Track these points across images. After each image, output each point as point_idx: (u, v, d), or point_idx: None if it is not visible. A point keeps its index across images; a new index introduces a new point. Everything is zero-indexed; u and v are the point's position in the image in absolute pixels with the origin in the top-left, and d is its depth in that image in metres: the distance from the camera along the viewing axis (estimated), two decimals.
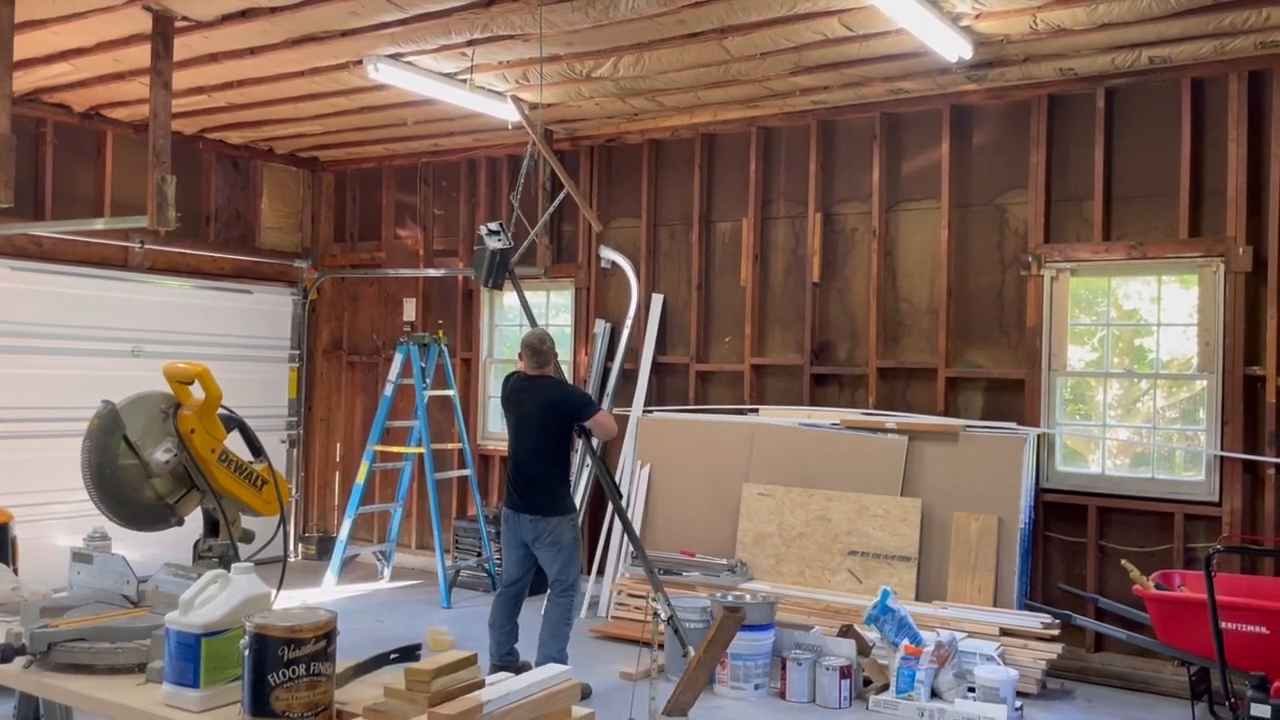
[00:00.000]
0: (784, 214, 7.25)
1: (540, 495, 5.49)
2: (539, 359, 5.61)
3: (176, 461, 2.76)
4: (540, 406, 5.56)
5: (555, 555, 5.48)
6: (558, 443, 5.59)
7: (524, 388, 5.64)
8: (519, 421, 5.60)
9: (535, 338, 5.66)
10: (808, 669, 5.38)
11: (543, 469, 5.52)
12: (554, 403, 5.55)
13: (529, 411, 5.57)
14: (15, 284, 7.13)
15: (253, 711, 2.05)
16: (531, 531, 5.48)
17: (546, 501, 5.49)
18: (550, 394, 5.59)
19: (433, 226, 8.78)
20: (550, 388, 5.61)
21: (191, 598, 2.26)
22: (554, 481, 5.55)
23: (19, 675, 2.36)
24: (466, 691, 2.04)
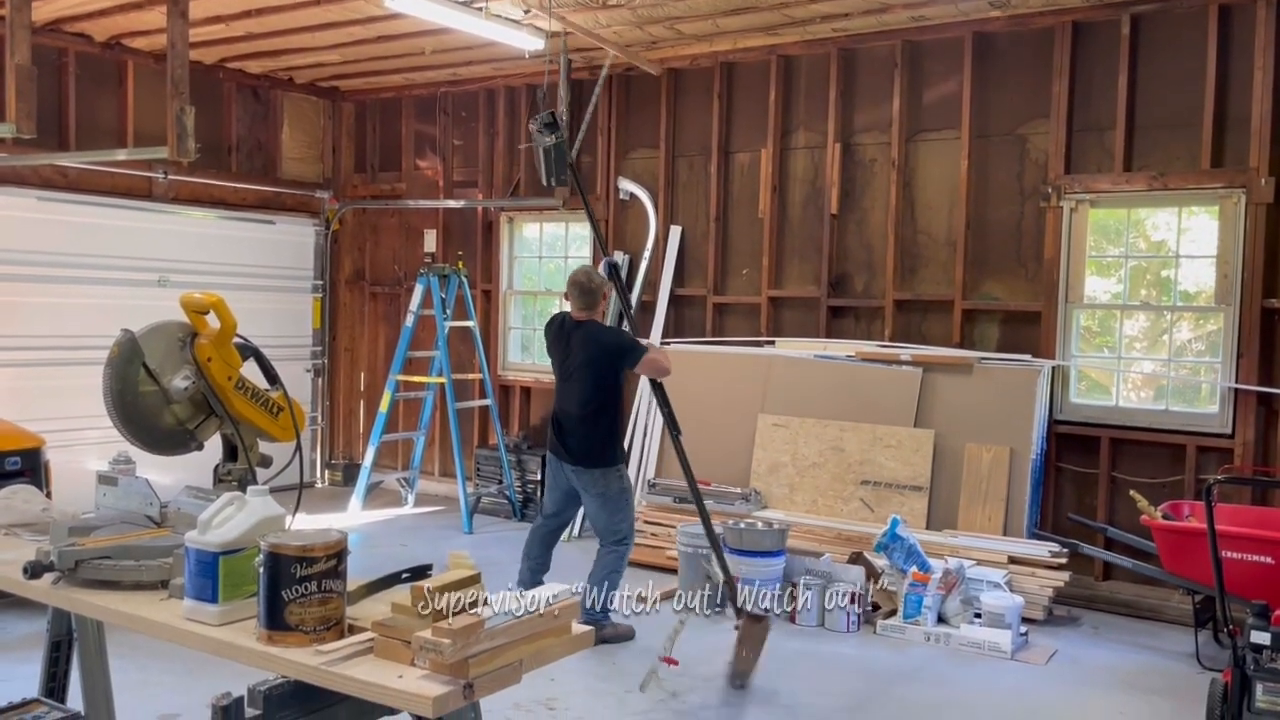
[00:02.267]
0: (803, 145, 7.19)
1: (581, 446, 5.20)
2: (587, 299, 5.25)
3: (195, 388, 2.84)
4: (584, 357, 5.19)
5: (602, 506, 5.23)
6: (603, 392, 5.21)
7: (568, 334, 5.28)
8: (561, 368, 5.30)
9: (583, 274, 5.32)
10: (817, 594, 5.50)
11: (585, 420, 5.20)
12: (598, 354, 5.17)
13: (572, 360, 5.23)
14: (44, 214, 7.24)
15: (268, 625, 2.16)
16: (575, 480, 5.25)
17: (587, 452, 5.20)
18: (594, 344, 5.20)
19: (452, 157, 8.78)
20: (594, 335, 5.22)
21: (210, 518, 2.36)
22: (598, 432, 5.20)
23: (49, 591, 2.48)
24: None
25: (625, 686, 4.58)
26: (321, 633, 2.15)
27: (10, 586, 2.56)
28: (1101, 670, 5.01)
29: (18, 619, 5.08)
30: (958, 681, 4.82)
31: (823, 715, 4.34)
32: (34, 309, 7.18)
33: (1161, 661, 5.15)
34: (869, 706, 4.47)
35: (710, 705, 4.43)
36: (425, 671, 2.01)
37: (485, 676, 2.03)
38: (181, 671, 4.35)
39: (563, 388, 5.31)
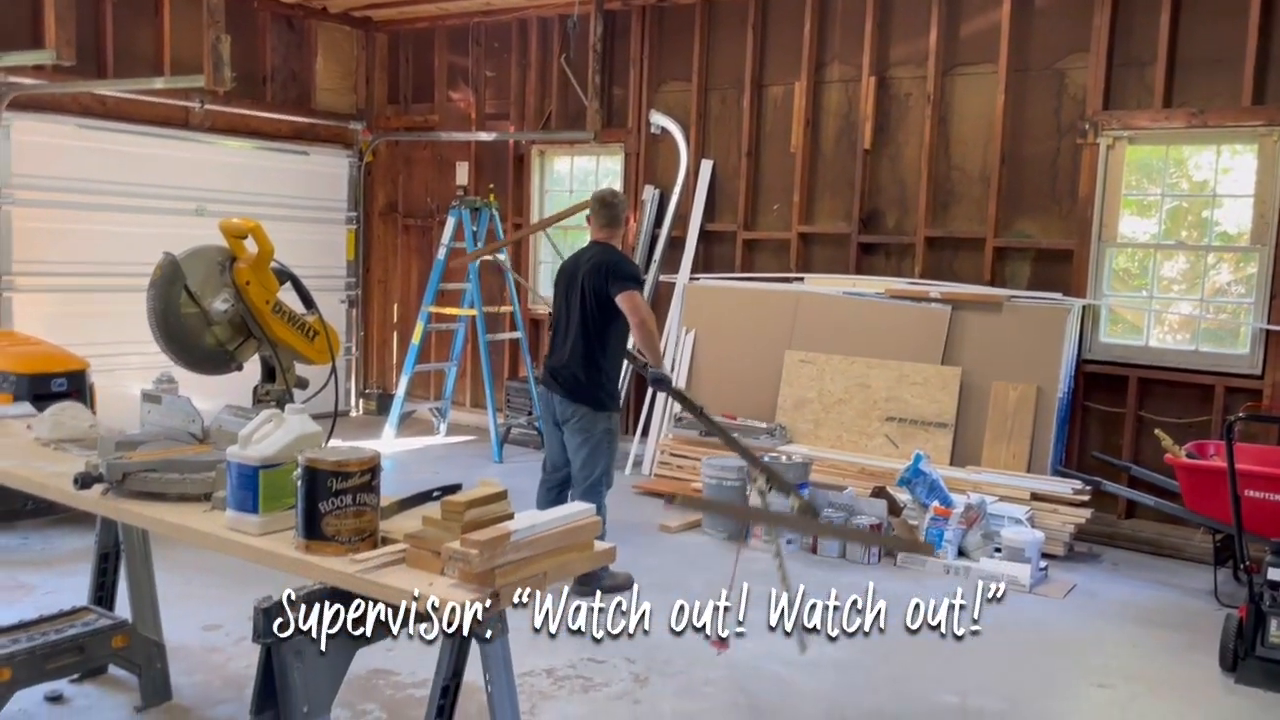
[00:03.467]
0: (837, 78, 7.12)
1: (572, 376, 4.85)
2: (608, 213, 4.95)
3: (234, 311, 2.95)
4: (583, 272, 4.87)
5: (581, 444, 4.86)
6: (595, 317, 4.82)
7: (578, 254, 5.04)
8: (565, 299, 4.95)
9: (607, 190, 5.15)
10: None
11: (577, 345, 4.85)
12: (593, 268, 4.84)
13: (571, 277, 4.93)
14: (84, 142, 7.35)
15: (305, 535, 2.27)
16: (560, 413, 4.91)
17: (576, 384, 4.84)
18: (594, 258, 4.89)
19: (484, 89, 8.77)
20: (600, 253, 4.90)
21: (250, 433, 2.46)
22: (588, 362, 4.84)
23: (98, 501, 2.61)
24: (497, 522, 2.23)
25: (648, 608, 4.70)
26: (356, 543, 2.26)
27: (61, 497, 2.69)
28: (1118, 605, 5.08)
29: (66, 535, 5.29)
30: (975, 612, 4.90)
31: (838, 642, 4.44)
32: (77, 236, 7.32)
33: (1179, 598, 5.21)
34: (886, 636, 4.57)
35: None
36: (454, 580, 2.11)
37: (510, 586, 2.13)
38: (223, 585, 4.53)
39: (557, 311, 5.02)
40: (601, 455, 4.91)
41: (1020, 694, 4.03)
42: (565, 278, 5.00)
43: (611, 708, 3.71)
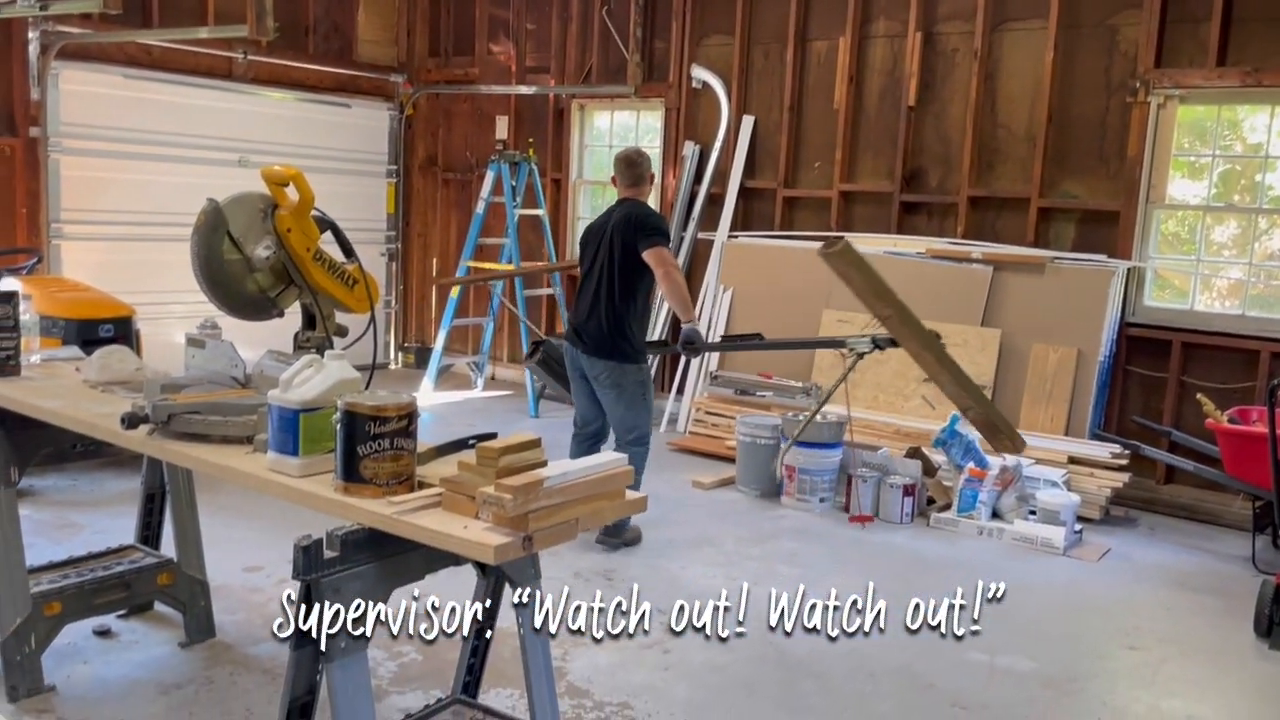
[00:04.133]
0: (882, 33, 7.00)
1: (595, 329, 4.81)
2: (633, 171, 4.96)
3: (275, 258, 2.98)
4: (612, 227, 4.83)
5: (617, 399, 4.85)
6: (623, 272, 4.77)
7: (608, 212, 5.03)
8: (587, 247, 4.97)
9: (632, 149, 5.16)
10: (873, 486, 5.59)
11: (601, 300, 4.80)
12: (622, 222, 4.80)
13: (599, 234, 4.89)
14: (130, 92, 7.43)
15: (344, 477, 2.31)
16: (589, 371, 4.90)
17: (601, 338, 4.80)
18: (623, 213, 4.86)
19: (525, 42, 8.72)
20: (628, 209, 4.87)
21: (290, 377, 2.50)
22: (613, 316, 4.78)
23: (144, 440, 2.67)
24: (530, 469, 2.26)
25: (680, 563, 4.75)
26: (393, 486, 2.30)
27: (109, 436, 2.76)
28: (1153, 569, 5.05)
29: (114, 477, 5.43)
30: (1006, 573, 4.90)
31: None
32: (123, 185, 7.42)
33: (1215, 563, 5.17)
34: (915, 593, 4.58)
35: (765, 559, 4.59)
36: (488, 524, 2.15)
37: (543, 531, 2.16)
38: (263, 529, 4.63)
39: (584, 268, 4.97)
40: (639, 407, 4.89)
41: (1049, 654, 4.04)
42: (594, 236, 4.97)
43: (641, 656, 3.77)
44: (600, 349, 4.82)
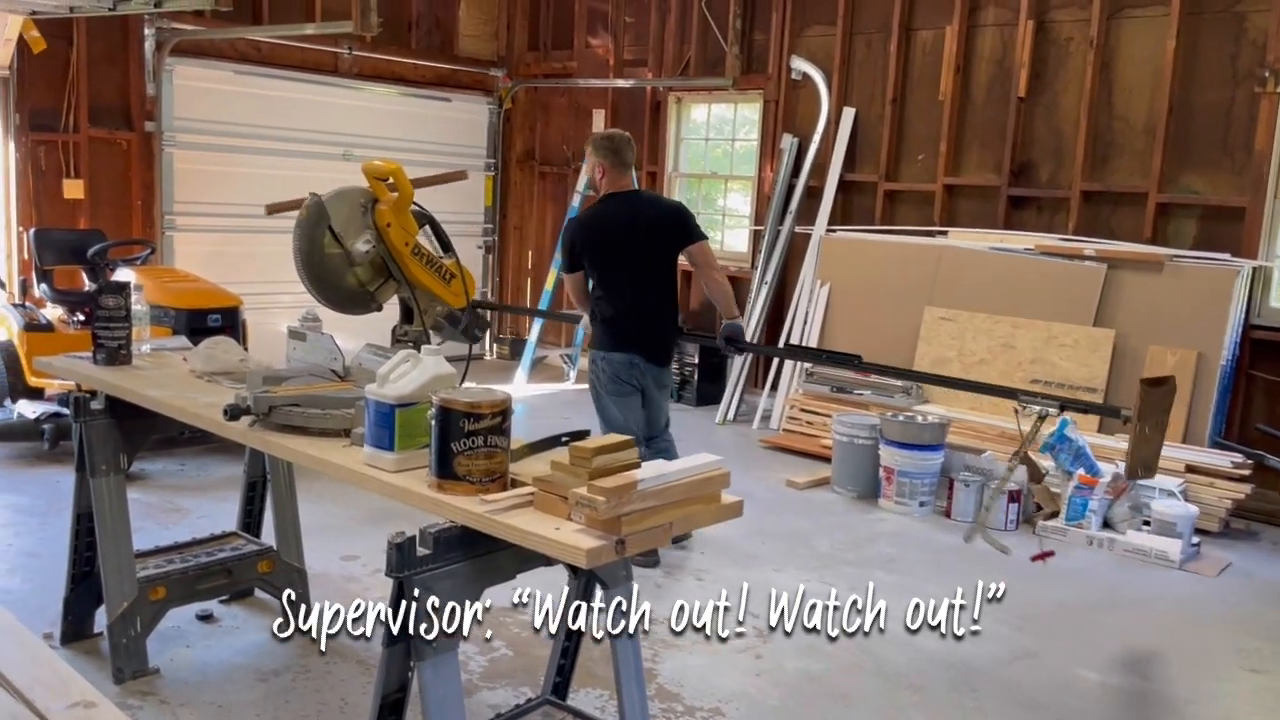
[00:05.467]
0: (992, 21, 6.76)
1: (663, 341, 4.54)
2: (630, 154, 4.50)
3: (375, 252, 3.00)
4: (649, 222, 4.41)
5: (665, 398, 4.71)
6: (670, 269, 4.54)
7: (611, 209, 4.45)
8: (619, 247, 4.41)
9: (613, 130, 4.72)
10: (975, 490, 5.41)
11: (654, 302, 4.48)
12: (662, 217, 4.46)
13: (634, 231, 4.40)
14: (240, 87, 7.64)
15: (438, 474, 2.30)
16: (654, 381, 4.59)
17: (669, 346, 4.60)
18: (658, 206, 4.57)
19: (623, 35, 8.69)
20: (653, 199, 4.61)
21: (387, 372, 2.50)
22: (669, 319, 4.57)
23: (245, 432, 2.70)
24: (624, 470, 2.21)
25: (774, 565, 4.66)
26: (486, 484, 2.28)
27: (212, 426, 2.80)
28: (1277, 586, 4.76)
29: (220, 462, 5.58)
30: (1119, 586, 4.69)
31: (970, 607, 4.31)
32: (233, 178, 7.64)
33: None
34: (1022, 605, 4.41)
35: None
36: (580, 526, 2.11)
37: (636, 535, 2.11)
38: (361, 518, 4.70)
39: (629, 278, 4.42)
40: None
41: (1163, 674, 3.84)
42: (619, 233, 4.42)
43: (734, 660, 3.70)
44: (668, 355, 4.60)
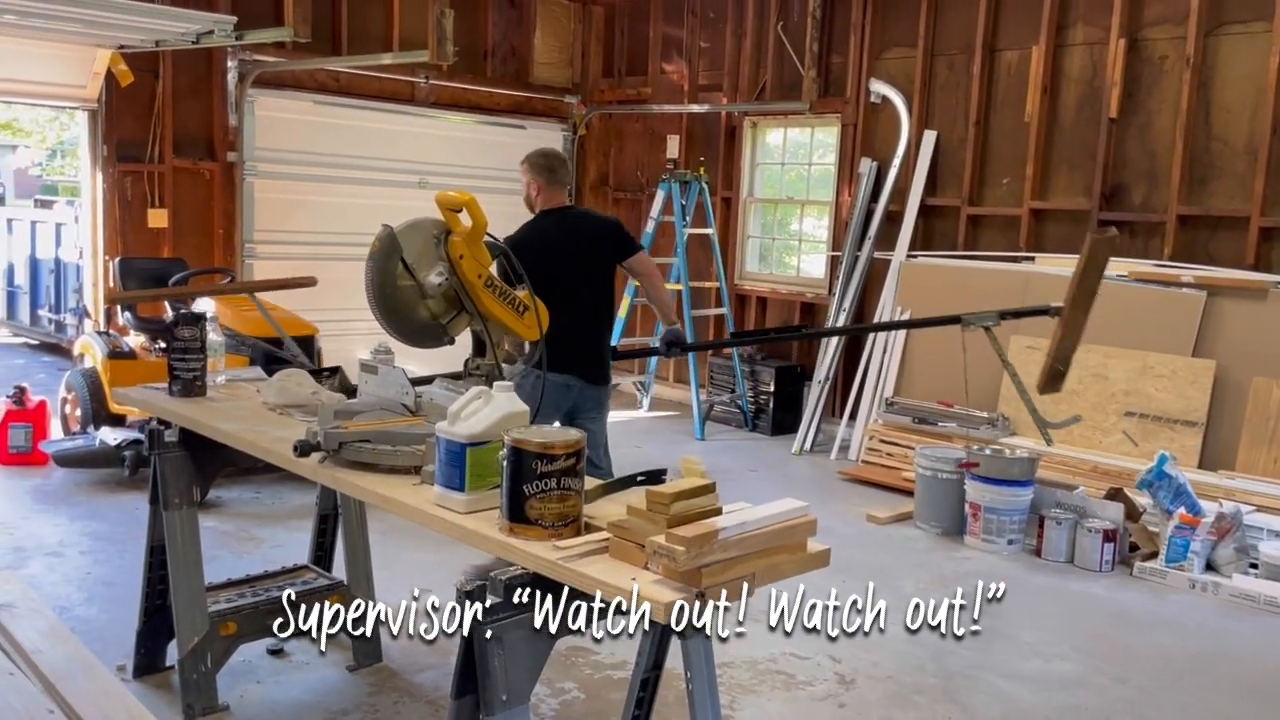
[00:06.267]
0: (1080, 40, 6.53)
1: (599, 355, 4.34)
2: (557, 177, 4.37)
3: (447, 284, 2.92)
4: (587, 238, 4.27)
5: (603, 424, 4.44)
6: (608, 286, 4.44)
7: (547, 226, 4.29)
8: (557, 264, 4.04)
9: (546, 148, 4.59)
10: (1068, 529, 5.16)
11: (591, 321, 4.32)
12: (600, 232, 4.37)
13: (572, 248, 4.20)
14: (318, 117, 7.74)
15: (510, 517, 2.20)
16: (595, 398, 4.36)
17: (606, 365, 4.37)
18: (594, 221, 4.54)
19: (698, 60, 8.62)
20: (588, 215, 4.56)
21: (458, 410, 2.42)
22: (604, 338, 4.45)
23: (315, 468, 2.65)
24: (704, 517, 2.09)
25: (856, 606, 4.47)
26: (559, 528, 2.18)
27: (283, 462, 2.76)
28: None
29: (294, 491, 5.59)
30: (1226, 634, 4.40)
31: (1067, 655, 4.08)
32: (311, 207, 7.74)
33: None
34: (1119, 653, 4.16)
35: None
36: (658, 576, 1.99)
37: (717, 587, 1.99)
38: (431, 550, 4.64)
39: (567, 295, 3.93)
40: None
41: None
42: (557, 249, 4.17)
43: (815, 709, 3.53)
44: (607, 375, 4.38)
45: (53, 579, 4.33)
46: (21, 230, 10.48)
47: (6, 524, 5.00)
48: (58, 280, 9.74)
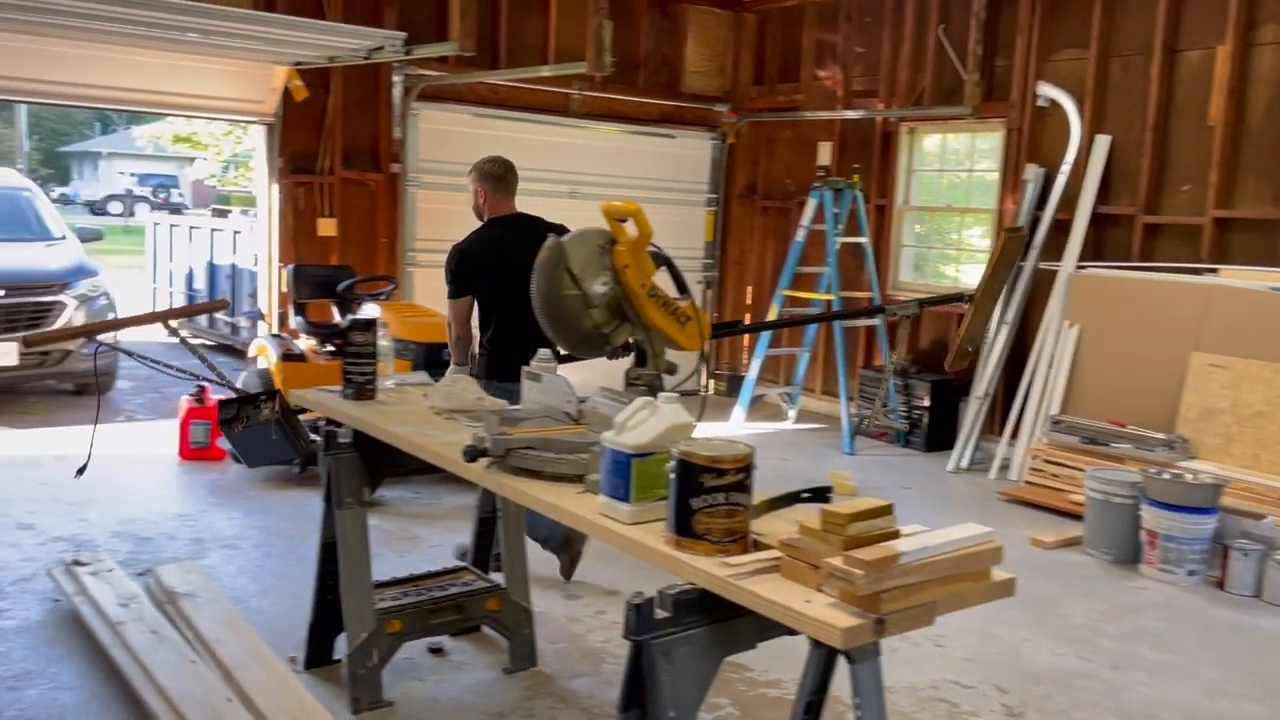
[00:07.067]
0: (1272, 39, 6.10)
1: None
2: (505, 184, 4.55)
3: (611, 294, 2.93)
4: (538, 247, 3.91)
5: None
6: None
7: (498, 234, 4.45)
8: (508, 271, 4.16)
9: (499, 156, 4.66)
10: (1255, 561, 4.80)
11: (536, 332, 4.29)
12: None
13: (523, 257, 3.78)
14: (476, 129, 7.95)
15: (676, 530, 2.17)
16: None
17: None
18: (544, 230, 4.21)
19: (852, 66, 8.46)
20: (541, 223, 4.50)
21: (624, 420, 2.41)
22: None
23: (482, 474, 2.69)
24: (882, 540, 2.01)
25: (1022, 635, 4.27)
26: (727, 544, 2.14)
27: (450, 466, 2.81)
28: None
29: (450, 493, 5.72)
30: None
31: (1257, 696, 3.78)
32: (468, 216, 7.91)
33: None
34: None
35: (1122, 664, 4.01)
36: (833, 600, 1.93)
37: (897, 614, 1.91)
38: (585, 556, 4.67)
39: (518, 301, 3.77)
40: None
41: None
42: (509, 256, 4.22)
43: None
44: None
45: (229, 570, 4.55)
46: (201, 238, 11.15)
47: (189, 516, 5.30)
48: (233, 285, 10.32)
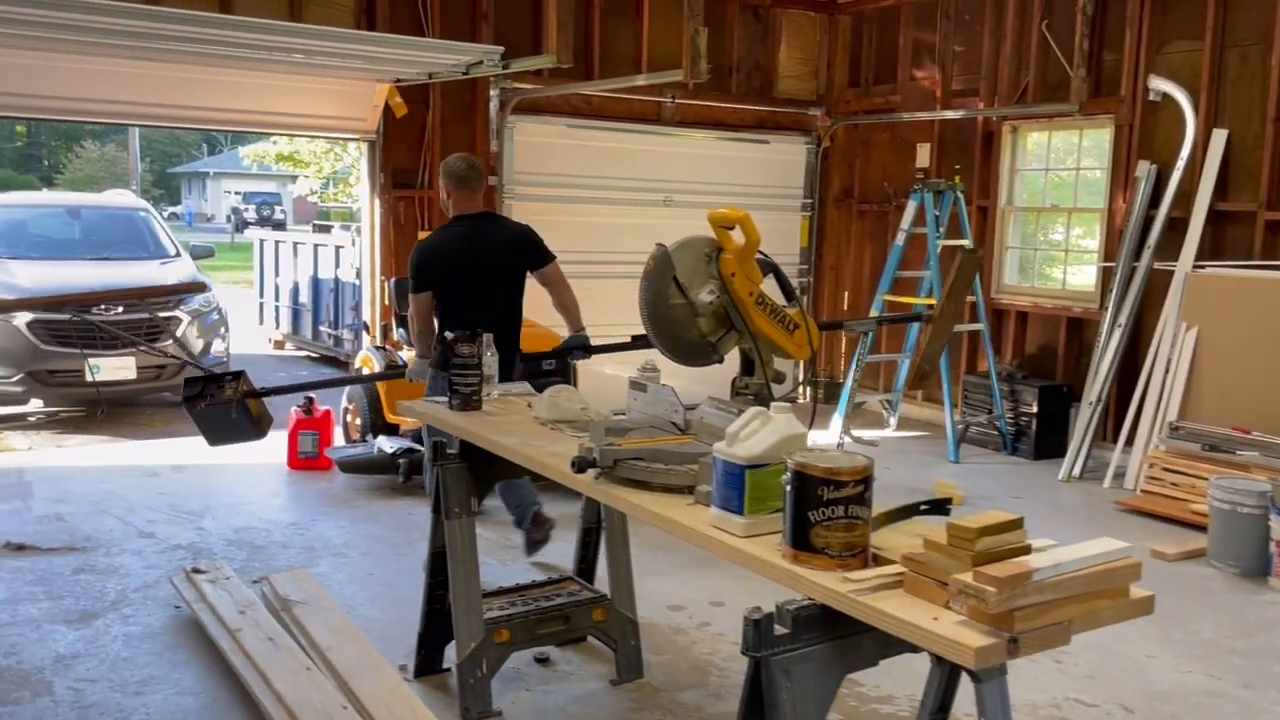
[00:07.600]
0: None
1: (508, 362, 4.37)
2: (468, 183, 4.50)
3: (718, 303, 2.90)
4: (500, 244, 4.49)
5: None
6: (517, 293, 4.65)
7: (461, 232, 4.50)
8: (469, 269, 4.44)
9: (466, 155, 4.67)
10: None
11: (507, 328, 4.48)
12: (513, 241, 4.57)
13: (485, 253, 4.46)
14: (571, 140, 8.01)
15: (794, 544, 2.12)
16: None
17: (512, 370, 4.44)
18: (507, 228, 4.67)
19: (951, 65, 8.27)
20: (501, 223, 4.70)
21: (737, 430, 2.37)
22: (516, 344, 4.59)
23: (590, 484, 2.68)
24: (1012, 555, 1.93)
25: (1145, 651, 4.09)
26: (846, 559, 2.08)
27: (558, 476, 2.81)
28: None
29: (551, 501, 5.70)
30: None
31: None
32: (562, 226, 7.94)
33: None
34: None
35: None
36: (962, 617, 1.86)
37: (1031, 633, 1.83)
38: (685, 565, 4.64)
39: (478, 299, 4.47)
40: None
41: None
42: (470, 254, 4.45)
43: None
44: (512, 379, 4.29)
45: (339, 578, 4.64)
46: (305, 253, 11.48)
47: (299, 525, 5.43)
48: (336, 299, 10.59)
